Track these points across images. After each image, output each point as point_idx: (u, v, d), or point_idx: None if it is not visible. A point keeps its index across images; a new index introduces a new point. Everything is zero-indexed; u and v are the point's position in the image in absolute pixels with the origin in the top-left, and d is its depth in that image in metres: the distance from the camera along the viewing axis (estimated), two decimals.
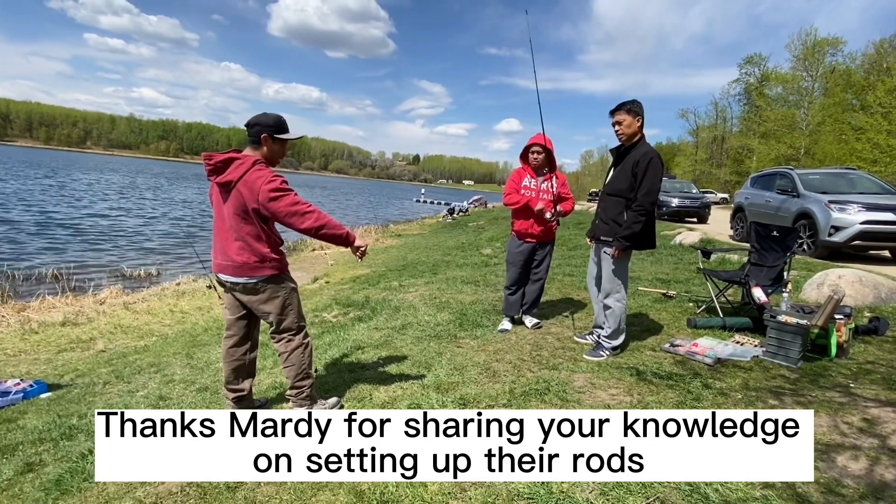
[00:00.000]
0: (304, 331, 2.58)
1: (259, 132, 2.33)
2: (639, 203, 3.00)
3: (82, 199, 24.88)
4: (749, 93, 43.66)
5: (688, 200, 14.91)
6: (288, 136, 2.42)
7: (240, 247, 2.29)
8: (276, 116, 2.39)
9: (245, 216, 2.27)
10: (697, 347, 3.20)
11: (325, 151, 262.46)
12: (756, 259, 4.11)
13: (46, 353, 5.74)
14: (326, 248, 15.19)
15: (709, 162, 50.56)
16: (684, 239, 9.12)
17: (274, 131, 2.35)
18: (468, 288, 5.85)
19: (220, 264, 2.37)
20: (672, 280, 5.73)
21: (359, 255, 2.52)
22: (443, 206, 40.19)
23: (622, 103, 3.04)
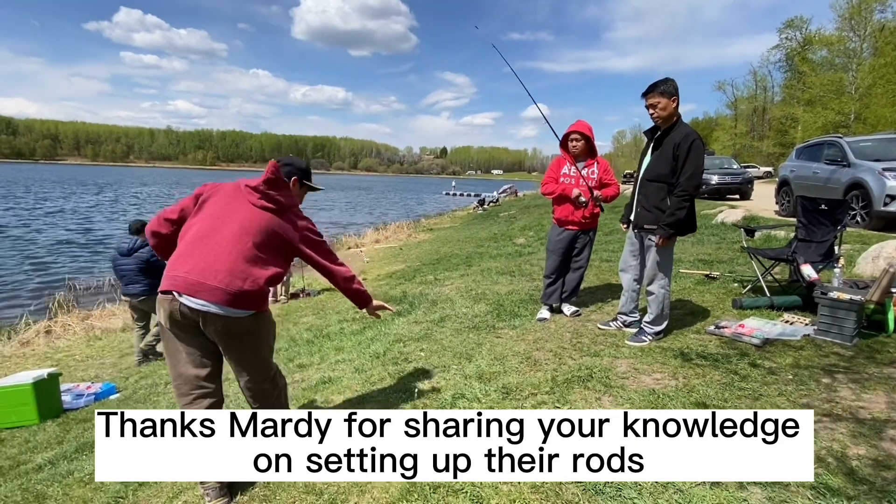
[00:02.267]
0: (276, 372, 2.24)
1: (290, 173, 2.23)
2: (682, 188, 2.92)
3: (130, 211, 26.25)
4: (791, 59, 41.24)
5: (728, 177, 14.31)
6: (314, 185, 2.37)
7: (244, 272, 1.85)
8: (307, 164, 2.34)
9: (272, 246, 1.96)
10: (744, 328, 3.12)
11: (353, 151, 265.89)
12: (804, 235, 3.95)
13: (111, 357, 6.15)
14: (361, 245, 15.48)
15: (749, 135, 48.24)
16: (726, 217, 8.79)
17: (304, 176, 2.28)
18: (503, 279, 5.87)
19: (198, 284, 1.79)
20: (715, 261, 5.57)
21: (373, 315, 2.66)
22: (472, 197, 40.07)
23: (655, 84, 2.97)
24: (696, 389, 2.44)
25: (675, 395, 2.39)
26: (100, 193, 38.76)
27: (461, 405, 2.54)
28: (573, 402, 2.44)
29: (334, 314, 5.85)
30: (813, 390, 2.36)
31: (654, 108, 2.98)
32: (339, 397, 2.93)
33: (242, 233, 1.90)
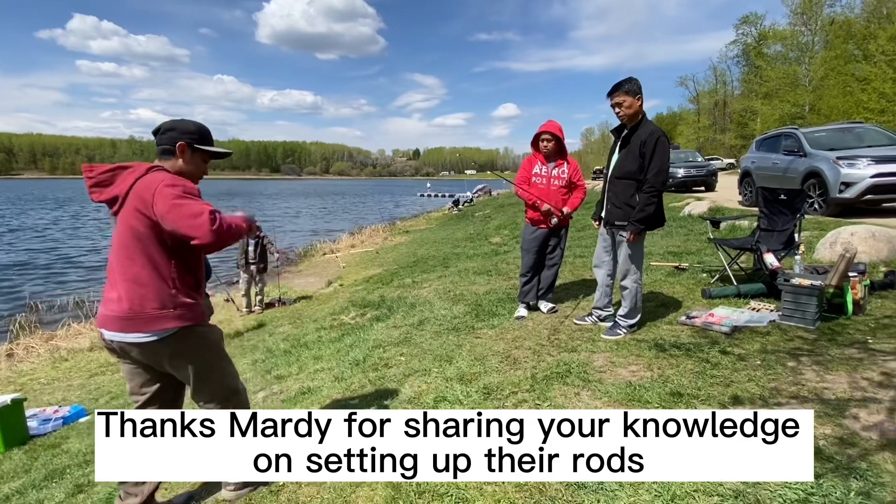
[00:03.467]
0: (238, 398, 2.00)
1: (174, 139, 1.80)
2: (650, 184, 3.00)
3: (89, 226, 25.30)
4: (748, 53, 42.85)
5: (693, 170, 14.77)
6: (213, 148, 1.92)
7: (129, 288, 1.68)
8: (199, 124, 1.91)
9: (139, 240, 1.68)
10: (713, 317, 3.23)
11: (325, 155, 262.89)
12: (765, 224, 4.11)
13: (79, 378, 5.91)
14: (337, 250, 15.32)
15: (712, 128, 49.87)
16: (693, 209, 9.07)
17: (195, 140, 1.85)
18: (481, 279, 5.90)
19: (103, 315, 1.73)
20: (683, 252, 5.73)
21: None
22: (447, 198, 40.15)
23: (619, 84, 3.04)
24: (671, 380, 2.50)
25: (651, 386, 2.45)
26: (59, 209, 37.21)
27: (443, 408, 2.54)
28: (553, 398, 2.47)
29: (311, 322, 5.77)
30: (780, 374, 2.45)
31: (619, 106, 3.05)
32: (319, 407, 2.89)
33: (116, 250, 1.74)
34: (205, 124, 1.93)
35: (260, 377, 3.99)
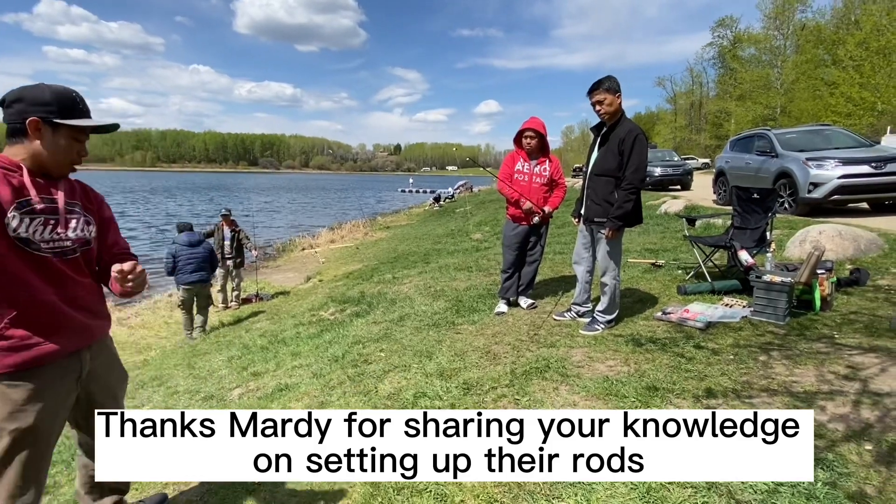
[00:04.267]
0: (12, 438, 1.41)
1: (23, 113, 1.39)
2: (629, 181, 3.04)
3: None
4: (723, 56, 43.85)
5: (670, 169, 15.07)
6: (81, 122, 1.47)
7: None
8: (62, 89, 1.46)
9: None
10: (689, 313, 3.29)
11: (304, 149, 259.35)
12: (739, 222, 4.21)
13: None
14: (316, 246, 15.14)
15: (688, 128, 50.93)
16: (669, 207, 9.24)
17: (53, 112, 1.41)
18: (461, 274, 5.91)
19: None
20: (660, 249, 5.83)
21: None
22: (428, 194, 40.08)
23: (599, 81, 3.06)
24: (647, 374, 2.55)
25: (628, 380, 2.49)
26: None
27: (422, 404, 2.54)
28: (532, 393, 2.49)
29: (290, 318, 5.69)
30: (751, 368, 2.52)
31: (600, 104, 3.08)
32: (297, 404, 2.85)
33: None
34: (71, 88, 1.49)
35: (236, 374, 3.92)
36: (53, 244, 1.47)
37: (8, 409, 1.37)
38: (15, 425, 1.37)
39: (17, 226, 1.37)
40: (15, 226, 1.37)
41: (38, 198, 1.42)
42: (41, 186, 1.46)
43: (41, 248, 1.43)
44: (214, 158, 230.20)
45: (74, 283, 1.54)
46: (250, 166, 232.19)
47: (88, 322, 1.59)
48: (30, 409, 1.40)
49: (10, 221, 1.36)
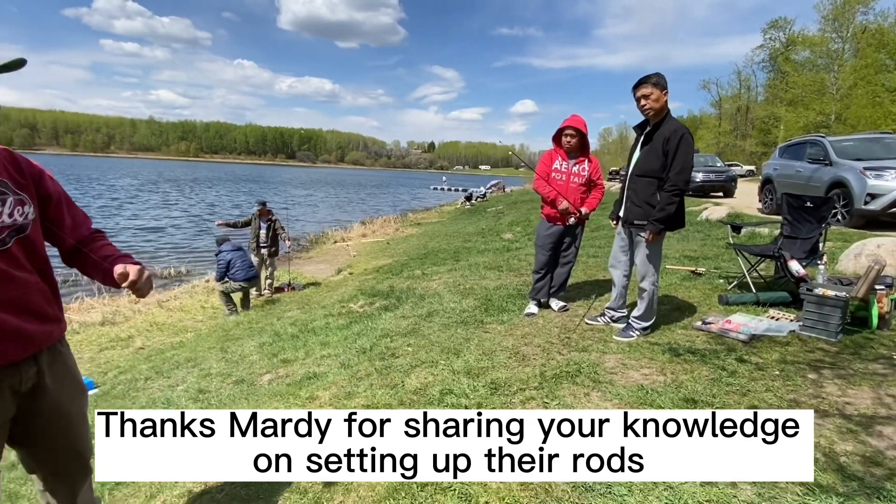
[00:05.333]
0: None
1: None
2: (672, 183, 2.90)
3: (113, 204, 25.66)
4: (774, 59, 41.93)
5: (713, 174, 14.51)
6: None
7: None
8: None
9: None
10: (731, 324, 3.13)
11: (340, 144, 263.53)
12: (789, 231, 3.98)
13: (89, 352, 5.98)
14: (348, 239, 15.34)
15: (733, 133, 48.96)
16: (711, 214, 8.90)
17: None
18: (492, 273, 5.84)
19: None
20: (700, 257, 5.61)
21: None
22: (460, 192, 40.02)
23: (647, 76, 2.94)
24: (685, 385, 2.43)
25: (664, 390, 2.38)
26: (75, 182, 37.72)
27: (449, 401, 2.50)
28: (562, 397, 2.42)
29: (320, 308, 5.76)
30: (800, 386, 2.37)
31: (646, 98, 2.95)
32: (324, 393, 2.86)
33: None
34: None
35: (266, 360, 3.99)
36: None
37: None
38: None
39: None
40: None
41: None
42: None
43: None
44: (254, 151, 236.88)
45: (9, 282, 1.25)
46: (288, 159, 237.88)
47: (30, 328, 1.29)
48: None
49: None
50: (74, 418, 1.48)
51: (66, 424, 1.45)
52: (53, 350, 1.41)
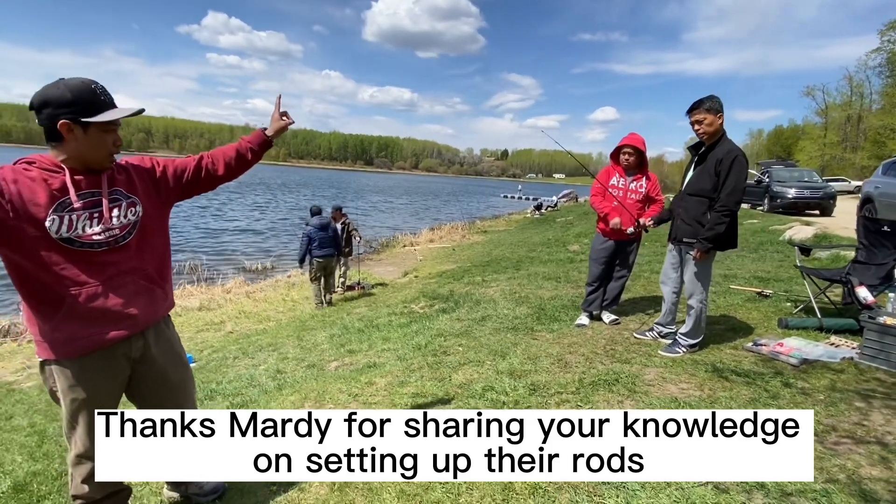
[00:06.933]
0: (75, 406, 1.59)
1: (52, 118, 1.42)
2: (723, 203, 2.96)
3: (202, 202, 28.52)
4: (893, 63, 37.38)
5: (807, 191, 13.33)
6: (106, 116, 1.47)
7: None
8: (79, 84, 1.44)
9: None
10: (782, 347, 3.09)
11: (415, 151, 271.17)
12: (864, 257, 3.77)
13: (188, 332, 6.89)
14: (416, 244, 15.96)
15: (842, 145, 44.18)
16: (795, 234, 8.32)
17: (76, 113, 1.42)
18: (549, 283, 5.97)
19: None
20: (772, 279, 5.36)
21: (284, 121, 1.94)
22: (531, 201, 39.70)
23: (700, 101, 3.02)
24: (720, 402, 2.49)
25: (697, 404, 2.46)
26: None
27: (490, 396, 2.75)
28: (595, 402, 2.57)
29: (385, 307, 6.21)
30: (842, 413, 2.34)
31: (699, 124, 3.03)
32: (381, 380, 3.22)
33: None
34: (88, 80, 1.47)
35: (335, 349, 4.46)
36: (101, 236, 1.50)
37: (67, 383, 1.55)
38: (73, 396, 1.55)
39: (57, 228, 1.41)
40: (56, 228, 1.41)
41: (77, 196, 1.45)
42: (84, 182, 1.49)
43: (88, 243, 1.47)
44: (336, 157, 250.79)
45: (126, 272, 1.56)
46: (366, 165, 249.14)
47: (137, 311, 1.59)
48: (84, 384, 1.55)
49: (51, 225, 1.40)
50: (178, 385, 1.80)
51: (170, 389, 1.78)
52: (158, 328, 1.73)
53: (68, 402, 1.57)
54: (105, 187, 1.53)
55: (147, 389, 1.74)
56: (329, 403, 2.94)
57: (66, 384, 1.55)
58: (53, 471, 2.57)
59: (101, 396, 1.60)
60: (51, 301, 1.46)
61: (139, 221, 1.60)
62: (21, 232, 1.38)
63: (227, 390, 3.67)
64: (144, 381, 1.71)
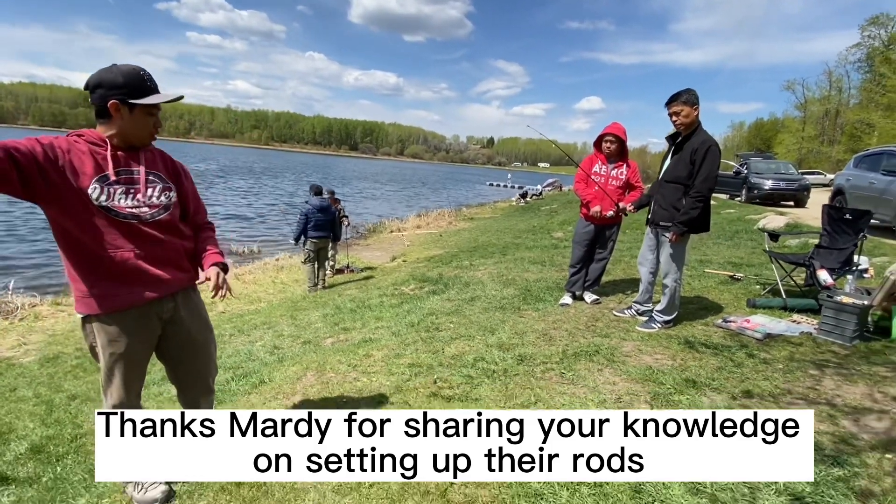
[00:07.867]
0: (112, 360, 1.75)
1: (104, 98, 1.60)
2: (697, 189, 3.19)
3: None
4: (872, 59, 38.31)
5: (783, 182, 13.80)
6: (151, 99, 1.66)
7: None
8: (130, 70, 1.63)
9: None
10: (749, 323, 3.36)
11: (401, 137, 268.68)
12: (826, 242, 4.07)
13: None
14: (403, 229, 16.07)
15: (819, 139, 45.31)
16: (768, 223, 8.69)
17: (126, 94, 1.61)
18: (534, 267, 6.20)
19: None
20: (744, 264, 5.67)
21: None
22: (516, 189, 40.00)
23: (678, 94, 3.23)
24: (690, 369, 2.74)
25: (669, 371, 2.71)
26: None
27: (481, 366, 2.96)
28: (577, 370, 2.80)
29: (375, 289, 6.38)
30: (798, 379, 2.61)
31: (677, 115, 3.25)
32: (378, 353, 3.41)
33: None
34: (138, 67, 1.66)
35: (329, 327, 4.62)
36: (134, 210, 1.66)
37: (107, 338, 1.71)
38: (111, 350, 1.72)
39: (98, 195, 1.59)
40: (97, 196, 1.59)
41: (114, 171, 1.63)
42: (124, 158, 1.67)
43: (122, 214, 1.64)
44: (320, 141, 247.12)
45: (155, 242, 1.72)
46: (350, 150, 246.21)
47: (168, 276, 1.77)
48: (120, 340, 1.71)
49: (93, 192, 1.58)
50: (202, 346, 1.98)
51: (196, 349, 1.96)
52: (186, 293, 1.91)
53: (107, 356, 1.72)
54: (143, 167, 1.72)
55: (175, 348, 1.91)
56: (330, 372, 3.12)
57: (106, 339, 1.70)
58: (67, 434, 2.71)
59: (136, 351, 1.77)
60: (90, 260, 1.63)
61: (171, 205, 1.79)
62: (71, 194, 1.55)
63: (228, 364, 3.81)
64: (173, 339, 1.88)
